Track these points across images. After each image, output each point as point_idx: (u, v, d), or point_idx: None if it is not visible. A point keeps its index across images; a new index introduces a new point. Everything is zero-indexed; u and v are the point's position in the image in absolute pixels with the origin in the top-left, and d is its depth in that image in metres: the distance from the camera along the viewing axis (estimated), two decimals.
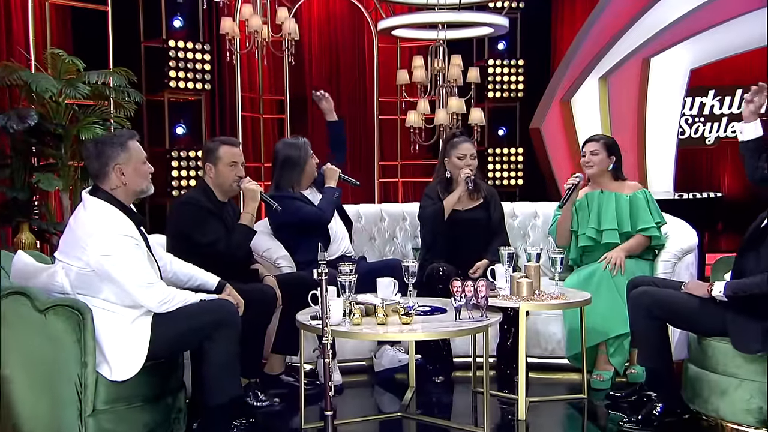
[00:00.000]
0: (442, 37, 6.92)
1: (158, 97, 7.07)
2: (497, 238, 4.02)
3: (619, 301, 3.72)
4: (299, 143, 4.00)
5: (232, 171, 3.52)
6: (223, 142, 3.57)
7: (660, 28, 7.43)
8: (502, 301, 3.36)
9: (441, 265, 3.90)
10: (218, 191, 3.55)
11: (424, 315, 3.23)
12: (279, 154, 4.00)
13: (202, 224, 3.38)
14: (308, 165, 4.01)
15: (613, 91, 7.50)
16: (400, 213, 4.58)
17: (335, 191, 4.00)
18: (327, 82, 8.59)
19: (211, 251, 3.34)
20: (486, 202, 4.15)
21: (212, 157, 3.52)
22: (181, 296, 2.88)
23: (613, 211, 3.94)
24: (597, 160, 4.00)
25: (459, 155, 4.06)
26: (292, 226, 3.94)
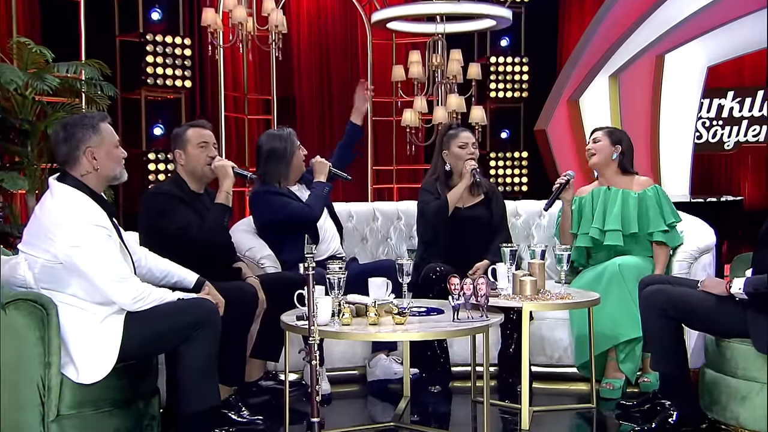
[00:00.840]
0: (441, 30, 6.99)
1: (134, 95, 7.10)
2: (499, 237, 4.01)
3: (630, 303, 3.72)
4: (284, 134, 4.00)
5: (203, 152, 3.52)
6: (190, 125, 3.58)
7: (674, 24, 7.49)
8: (504, 301, 3.35)
9: (438, 266, 3.90)
10: (191, 179, 3.55)
11: (419, 315, 3.23)
12: (263, 147, 4.01)
13: (170, 212, 3.38)
14: (295, 158, 4.00)
15: (624, 90, 7.55)
16: (395, 212, 4.59)
17: (325, 186, 3.99)
18: (317, 80, 8.65)
19: (184, 239, 3.32)
20: (487, 199, 4.15)
21: (180, 142, 3.54)
22: (156, 293, 2.86)
23: (618, 211, 3.94)
24: (599, 147, 4.01)
25: (461, 144, 4.08)
26: (277, 223, 3.93)
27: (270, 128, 7.93)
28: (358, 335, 3.06)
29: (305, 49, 8.62)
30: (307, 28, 8.66)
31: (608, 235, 3.93)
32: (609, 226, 3.93)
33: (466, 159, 4.06)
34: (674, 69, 7.57)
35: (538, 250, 3.52)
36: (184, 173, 3.55)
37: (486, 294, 3.17)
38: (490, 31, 8.33)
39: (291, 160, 3.98)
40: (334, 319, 3.07)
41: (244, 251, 3.92)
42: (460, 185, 4.04)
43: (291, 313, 3.22)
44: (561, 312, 3.98)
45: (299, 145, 4.04)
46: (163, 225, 3.37)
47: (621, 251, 3.94)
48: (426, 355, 3.89)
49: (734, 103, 9.25)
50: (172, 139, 3.58)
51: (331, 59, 8.68)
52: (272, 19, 6.57)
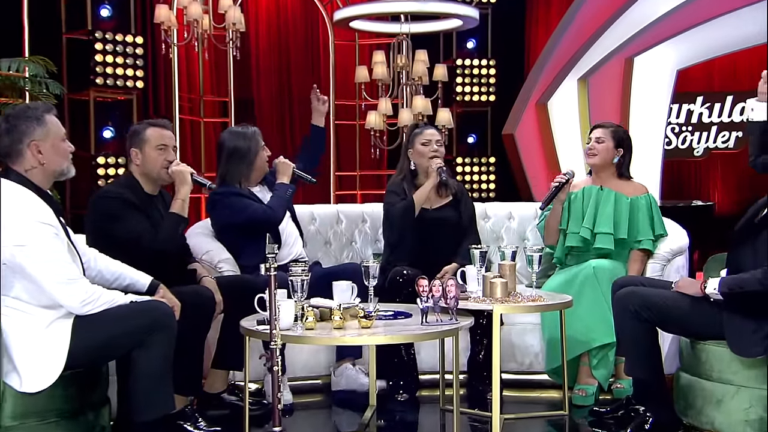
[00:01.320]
0: (406, 30, 7.02)
1: (82, 96, 6.98)
2: (467, 240, 4.01)
3: (604, 307, 3.75)
4: (248, 133, 3.97)
5: (161, 155, 3.48)
6: (150, 123, 3.54)
7: (643, 26, 7.62)
8: (474, 303, 3.35)
9: (405, 269, 3.90)
10: (146, 181, 3.50)
11: (386, 319, 3.22)
12: (225, 145, 3.97)
13: (121, 218, 3.34)
14: (258, 158, 3.97)
15: (593, 93, 7.65)
16: (359, 214, 4.58)
17: (288, 188, 3.97)
18: (276, 82, 8.63)
19: (134, 249, 3.28)
20: (456, 200, 4.17)
21: (138, 141, 3.48)
22: (107, 296, 2.81)
23: (610, 213, 3.96)
24: (602, 148, 4.02)
25: (424, 141, 4.09)
26: (237, 226, 3.90)
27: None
28: (323, 339, 3.04)
29: (264, 49, 8.59)
30: (265, 27, 8.63)
31: (599, 238, 3.96)
32: (600, 229, 3.96)
33: (430, 156, 4.07)
34: (644, 72, 7.70)
35: (509, 252, 3.54)
36: (138, 174, 3.50)
37: (455, 296, 3.17)
38: (456, 32, 8.41)
39: (254, 160, 3.95)
40: (297, 323, 3.05)
41: (200, 254, 3.87)
42: (427, 184, 4.04)
43: (251, 318, 3.19)
44: (532, 316, 4.01)
45: (263, 145, 4.01)
46: (112, 231, 3.33)
47: (602, 255, 3.97)
48: (393, 363, 3.88)
49: (703, 108, 9.44)
50: (129, 136, 3.53)
51: (291, 60, 8.66)
52: (229, 17, 6.55)
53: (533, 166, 7.69)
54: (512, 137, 7.75)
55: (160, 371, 2.83)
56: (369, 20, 7.24)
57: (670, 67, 7.85)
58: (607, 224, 3.95)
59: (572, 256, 4.09)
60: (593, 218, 3.99)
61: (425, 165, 4.08)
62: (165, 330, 2.84)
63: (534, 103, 7.87)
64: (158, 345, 2.82)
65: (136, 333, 2.81)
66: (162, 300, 3.02)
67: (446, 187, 4.15)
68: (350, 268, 3.87)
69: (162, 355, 2.83)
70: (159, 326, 2.83)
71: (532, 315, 4.00)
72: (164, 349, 2.84)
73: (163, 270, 3.28)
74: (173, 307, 3.00)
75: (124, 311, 2.82)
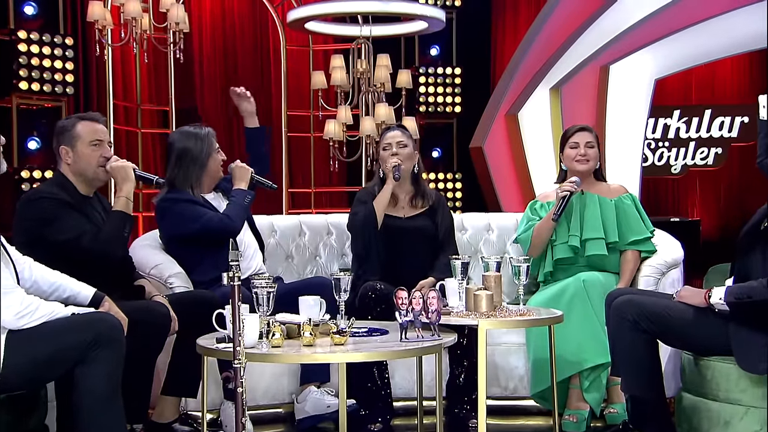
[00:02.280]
0: (366, 33, 7.02)
1: (4, 103, 6.80)
2: (445, 253, 3.98)
3: (596, 324, 3.74)
4: (201, 133, 3.89)
5: (96, 152, 3.42)
6: (80, 117, 3.48)
7: (619, 32, 7.74)
8: (457, 318, 3.30)
9: (377, 283, 3.86)
10: (80, 181, 3.43)
11: (360, 337, 3.18)
12: (174, 146, 3.89)
13: (57, 219, 3.26)
14: (212, 161, 3.90)
15: (566, 103, 7.73)
16: (324, 225, 4.51)
17: (246, 195, 3.89)
18: (222, 90, 8.54)
19: (74, 250, 3.20)
20: (432, 209, 4.15)
21: (68, 138, 3.42)
22: (46, 308, 2.77)
23: (597, 218, 3.98)
24: (593, 154, 4.06)
25: (384, 145, 4.10)
26: (189, 237, 3.81)
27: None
28: (291, 357, 2.99)
29: (208, 54, 8.55)
30: (210, 31, 8.59)
31: (589, 245, 3.97)
32: (589, 234, 3.97)
33: (385, 159, 4.06)
34: (620, 81, 7.81)
35: (493, 262, 3.50)
36: (70, 174, 3.43)
37: (438, 310, 3.13)
38: (418, 38, 8.48)
39: (206, 162, 3.87)
40: (261, 341, 2.98)
41: (148, 269, 3.78)
42: (385, 189, 4.04)
43: (209, 337, 3.12)
44: (516, 335, 3.99)
45: (218, 148, 3.94)
46: (49, 235, 3.24)
47: (592, 267, 3.97)
48: (365, 387, 3.81)
49: (681, 123, 9.62)
50: (57, 133, 3.46)
51: (238, 66, 8.63)
52: (172, 16, 6.47)
53: (503, 181, 7.73)
54: (481, 151, 7.78)
55: (106, 391, 2.76)
56: (326, 22, 7.22)
57: (648, 75, 7.97)
58: (595, 229, 3.97)
59: (559, 270, 4.08)
60: (579, 225, 4.00)
61: (388, 171, 4.06)
62: (112, 345, 2.77)
63: (503, 114, 7.93)
64: (104, 362, 2.75)
65: (78, 348, 2.74)
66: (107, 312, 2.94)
67: (422, 196, 4.13)
68: (316, 282, 3.82)
69: (108, 373, 2.76)
70: (104, 340, 2.76)
71: (517, 333, 3.99)
72: (111, 367, 2.76)
73: (105, 284, 3.18)
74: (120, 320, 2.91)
75: (65, 324, 2.77)
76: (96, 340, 2.73)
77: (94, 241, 3.27)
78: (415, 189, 4.14)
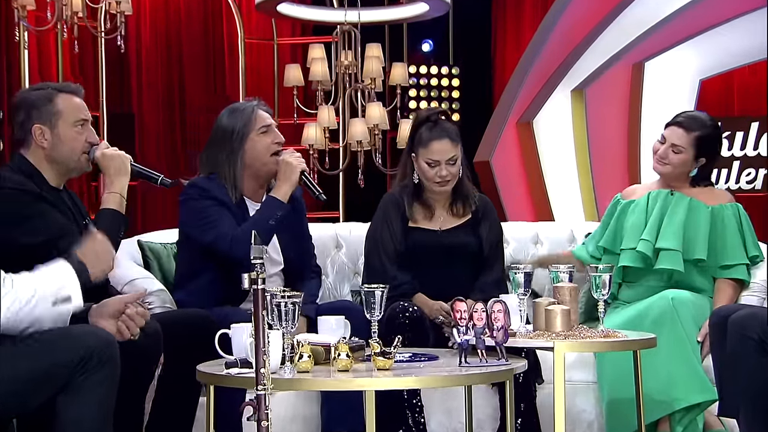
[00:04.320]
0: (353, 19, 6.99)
1: None
2: (490, 273, 3.98)
3: (689, 352, 3.68)
4: (241, 107, 3.79)
5: (81, 134, 3.34)
6: (57, 88, 3.38)
7: (654, 23, 7.78)
8: (525, 340, 3.24)
9: (409, 304, 3.77)
10: (52, 169, 3.33)
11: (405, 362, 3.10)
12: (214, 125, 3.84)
13: (30, 217, 3.16)
14: (251, 145, 3.72)
15: (592, 107, 7.79)
16: (331, 238, 4.42)
17: (276, 210, 3.69)
18: (164, 92, 8.48)
19: (48, 256, 3.01)
20: (475, 219, 4.06)
21: (45, 114, 3.31)
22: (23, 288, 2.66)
23: (680, 224, 3.93)
24: (677, 160, 4.00)
25: (429, 160, 3.95)
26: (200, 246, 3.73)
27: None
28: (327, 383, 2.93)
29: (148, 50, 8.51)
30: (149, 21, 8.55)
31: (662, 256, 3.91)
32: (664, 243, 3.91)
33: (432, 183, 3.95)
34: (658, 80, 7.87)
35: (565, 272, 3.44)
36: (42, 160, 3.32)
37: (505, 327, 3.06)
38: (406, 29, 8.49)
39: (242, 147, 3.72)
40: (285, 365, 2.92)
41: (121, 285, 3.69)
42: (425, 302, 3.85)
43: (214, 363, 3.08)
44: (584, 370, 3.94)
45: (263, 128, 3.74)
46: (15, 235, 3.11)
47: (675, 282, 3.92)
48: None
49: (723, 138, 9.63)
50: (27, 106, 3.32)
51: (184, 64, 8.64)
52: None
53: (514, 198, 7.75)
54: (488, 165, 7.75)
55: (96, 426, 2.65)
56: (304, 4, 7.18)
57: (691, 74, 8.03)
58: (673, 238, 3.92)
59: (627, 287, 4.02)
60: (656, 229, 3.96)
61: (429, 186, 3.99)
62: (105, 366, 2.66)
63: (514, 123, 7.94)
64: (94, 388, 2.65)
65: (62, 371, 2.64)
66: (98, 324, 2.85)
67: (463, 202, 4.03)
68: (339, 306, 3.77)
69: (98, 401, 2.66)
70: (95, 360, 2.65)
71: (585, 368, 3.94)
72: (102, 394, 2.67)
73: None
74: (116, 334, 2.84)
75: (43, 338, 2.66)
76: (84, 360, 2.64)
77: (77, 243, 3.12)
78: (455, 193, 4.03)
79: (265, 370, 2.65)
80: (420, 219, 4.01)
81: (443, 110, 4.12)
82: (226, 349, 3.03)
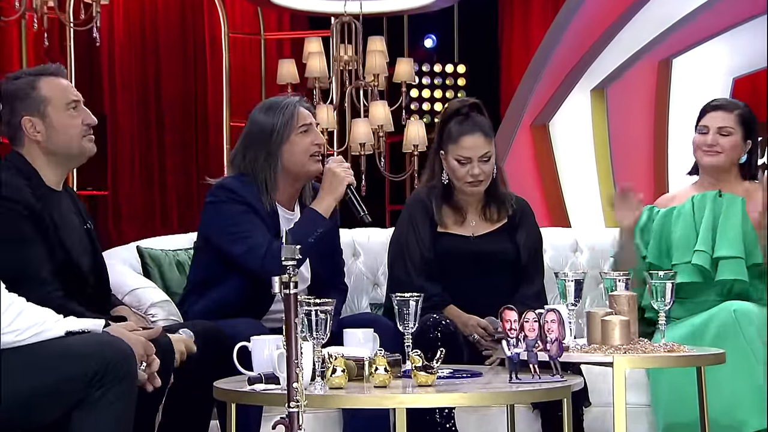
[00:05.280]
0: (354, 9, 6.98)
1: None
2: (529, 285, 3.95)
3: (756, 370, 3.65)
4: (281, 103, 3.74)
5: (76, 117, 3.30)
6: (36, 73, 3.34)
7: (681, 17, 7.82)
8: (581, 354, 3.20)
9: (441, 317, 3.74)
10: (51, 165, 3.29)
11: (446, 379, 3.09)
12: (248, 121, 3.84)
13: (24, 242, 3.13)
14: (290, 146, 3.71)
15: (614, 107, 7.85)
16: (349, 246, 4.36)
17: (318, 225, 3.67)
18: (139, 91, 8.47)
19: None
20: (512, 224, 4.05)
21: (31, 104, 3.26)
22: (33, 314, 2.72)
23: (738, 228, 3.90)
24: (728, 144, 3.96)
25: (459, 157, 3.92)
26: (224, 254, 3.73)
27: None
28: (365, 400, 2.92)
29: (122, 46, 8.51)
30: (123, 15, 8.54)
31: (723, 266, 3.87)
32: (723, 251, 3.88)
33: (467, 187, 3.93)
34: (687, 78, 7.93)
35: (621, 279, 3.39)
36: (40, 155, 3.27)
37: (559, 338, 3.04)
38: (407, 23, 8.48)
39: (280, 148, 3.70)
40: (315, 381, 2.93)
41: (122, 295, 3.70)
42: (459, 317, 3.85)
43: (231, 380, 3.08)
44: (634, 393, 3.84)
45: (305, 127, 3.73)
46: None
47: (735, 294, 3.89)
48: None
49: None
50: (9, 98, 3.26)
51: (161, 61, 8.64)
52: None
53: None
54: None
55: None
56: None
57: (723, 72, 8.06)
58: (733, 244, 3.89)
59: (679, 304, 3.96)
60: (711, 237, 3.93)
61: (460, 186, 3.96)
62: (122, 380, 2.71)
63: (528, 126, 8.02)
64: (111, 404, 2.69)
65: (77, 385, 2.67)
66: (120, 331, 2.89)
67: (498, 205, 4.02)
68: (365, 318, 3.76)
69: (116, 417, 2.70)
70: (113, 374, 2.69)
71: (635, 390, 3.86)
72: (119, 410, 2.70)
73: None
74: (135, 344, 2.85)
75: (57, 349, 2.70)
76: (100, 373, 2.68)
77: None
78: (489, 194, 4.00)
79: (299, 384, 2.65)
80: (450, 224, 3.98)
81: (475, 102, 4.06)
82: (245, 364, 3.05)
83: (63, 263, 3.18)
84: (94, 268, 3.34)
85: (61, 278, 3.15)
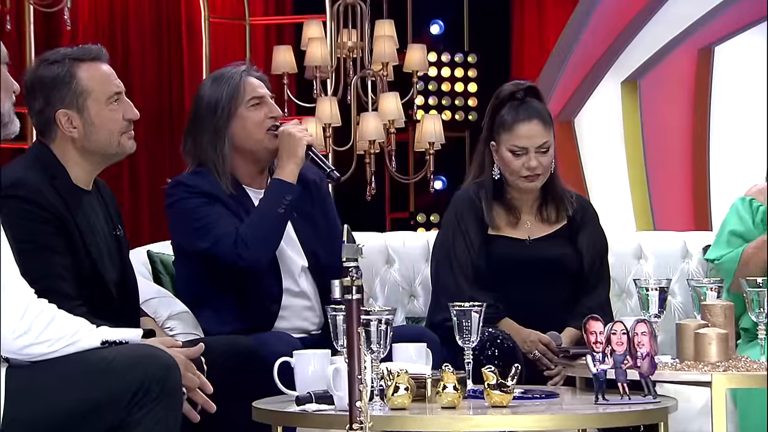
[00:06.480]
0: None
1: None
2: (595, 293, 3.97)
3: None
4: (227, 74, 3.77)
5: (117, 112, 3.30)
6: (74, 57, 3.30)
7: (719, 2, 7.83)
8: (672, 372, 3.21)
9: (498, 332, 3.73)
10: (85, 163, 3.30)
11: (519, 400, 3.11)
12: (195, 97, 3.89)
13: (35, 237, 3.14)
14: (239, 122, 3.74)
15: (648, 100, 7.97)
16: (382, 249, 4.38)
17: (283, 195, 3.72)
18: None
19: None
20: (572, 225, 4.07)
21: (68, 96, 3.25)
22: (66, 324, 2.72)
23: None
24: None
25: (513, 147, 3.92)
26: (198, 255, 3.76)
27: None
28: (435, 422, 2.92)
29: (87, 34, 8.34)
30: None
31: None
32: None
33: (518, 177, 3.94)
34: (730, 67, 8.02)
35: (712, 287, 3.42)
36: (74, 152, 3.27)
37: (651, 354, 3.06)
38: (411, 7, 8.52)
39: (228, 125, 3.73)
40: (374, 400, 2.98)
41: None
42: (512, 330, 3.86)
43: (272, 400, 3.14)
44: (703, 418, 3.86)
45: (256, 99, 3.76)
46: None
47: None
48: None
49: None
50: (43, 88, 3.24)
51: (131, 51, 8.59)
52: None
53: None
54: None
55: None
56: None
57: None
58: None
59: None
60: None
61: (513, 180, 3.97)
62: (166, 398, 2.72)
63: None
64: (154, 426, 2.70)
65: (114, 405, 2.69)
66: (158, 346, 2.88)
67: (556, 204, 4.02)
68: (411, 332, 3.70)
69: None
70: (156, 391, 2.70)
71: (705, 416, 3.79)
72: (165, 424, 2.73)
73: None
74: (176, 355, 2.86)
75: (94, 362, 2.71)
76: (143, 390, 2.69)
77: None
78: (546, 192, 4.00)
79: (363, 404, 2.71)
80: (502, 225, 3.99)
81: (531, 85, 4.12)
82: (290, 384, 3.11)
83: (87, 275, 3.20)
84: (122, 282, 3.36)
85: (85, 292, 3.15)
